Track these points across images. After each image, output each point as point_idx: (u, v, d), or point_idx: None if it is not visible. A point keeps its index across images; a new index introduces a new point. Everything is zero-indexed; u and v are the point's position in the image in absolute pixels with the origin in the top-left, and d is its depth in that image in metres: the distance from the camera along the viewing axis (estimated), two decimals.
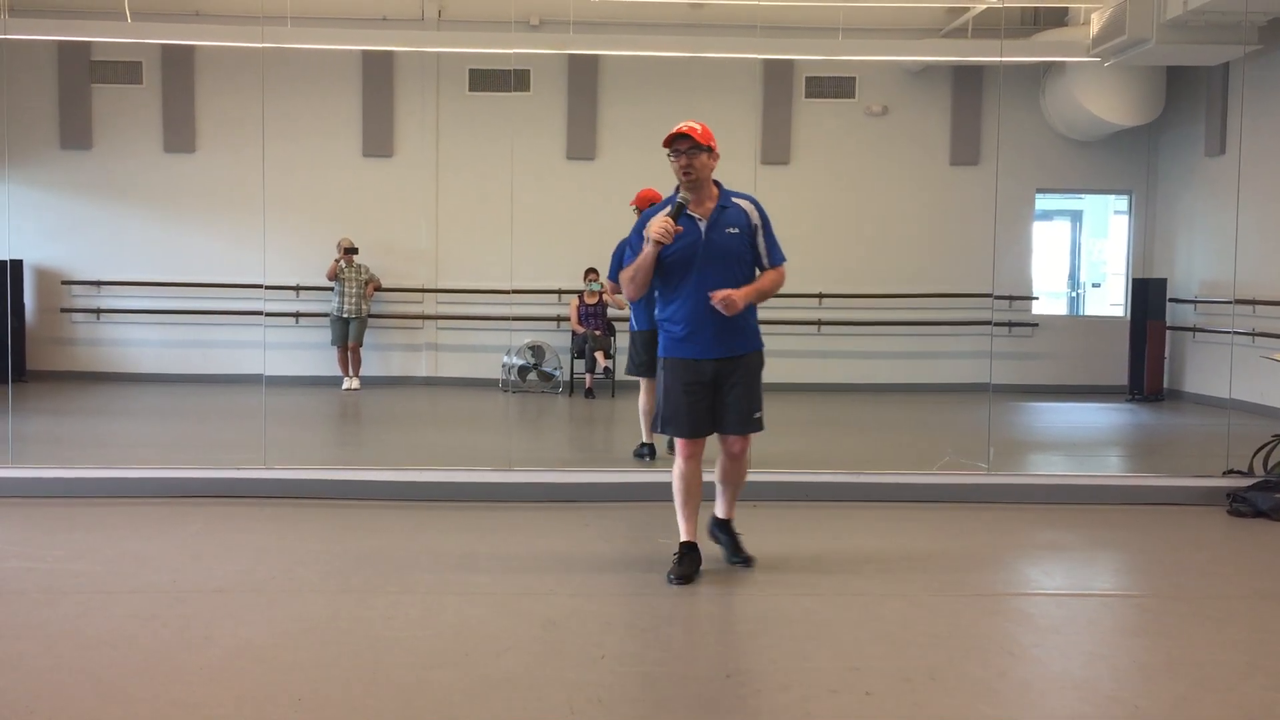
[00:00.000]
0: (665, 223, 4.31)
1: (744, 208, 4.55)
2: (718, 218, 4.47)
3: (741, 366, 4.55)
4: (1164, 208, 12.52)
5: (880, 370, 12.40)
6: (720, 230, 4.46)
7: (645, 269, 4.45)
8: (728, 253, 4.45)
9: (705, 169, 4.43)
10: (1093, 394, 12.08)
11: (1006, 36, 11.49)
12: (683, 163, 4.39)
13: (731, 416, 4.55)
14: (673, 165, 4.43)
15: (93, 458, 7.05)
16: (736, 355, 4.54)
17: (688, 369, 4.52)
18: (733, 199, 4.55)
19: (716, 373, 4.53)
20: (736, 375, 4.53)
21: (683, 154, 4.39)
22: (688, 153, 4.38)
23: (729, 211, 4.50)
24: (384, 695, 3.29)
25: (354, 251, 11.80)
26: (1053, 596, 4.52)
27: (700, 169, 4.40)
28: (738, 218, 4.50)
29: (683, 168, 4.39)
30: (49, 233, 12.18)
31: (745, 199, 4.59)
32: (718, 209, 4.48)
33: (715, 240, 4.44)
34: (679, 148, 4.39)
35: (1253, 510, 5.99)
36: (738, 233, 4.48)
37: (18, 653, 3.61)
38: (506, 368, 11.84)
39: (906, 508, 6.09)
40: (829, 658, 3.67)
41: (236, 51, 11.48)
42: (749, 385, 4.56)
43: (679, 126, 4.41)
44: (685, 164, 4.38)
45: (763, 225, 4.57)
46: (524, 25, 11.89)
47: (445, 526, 5.53)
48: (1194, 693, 3.41)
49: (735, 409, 4.54)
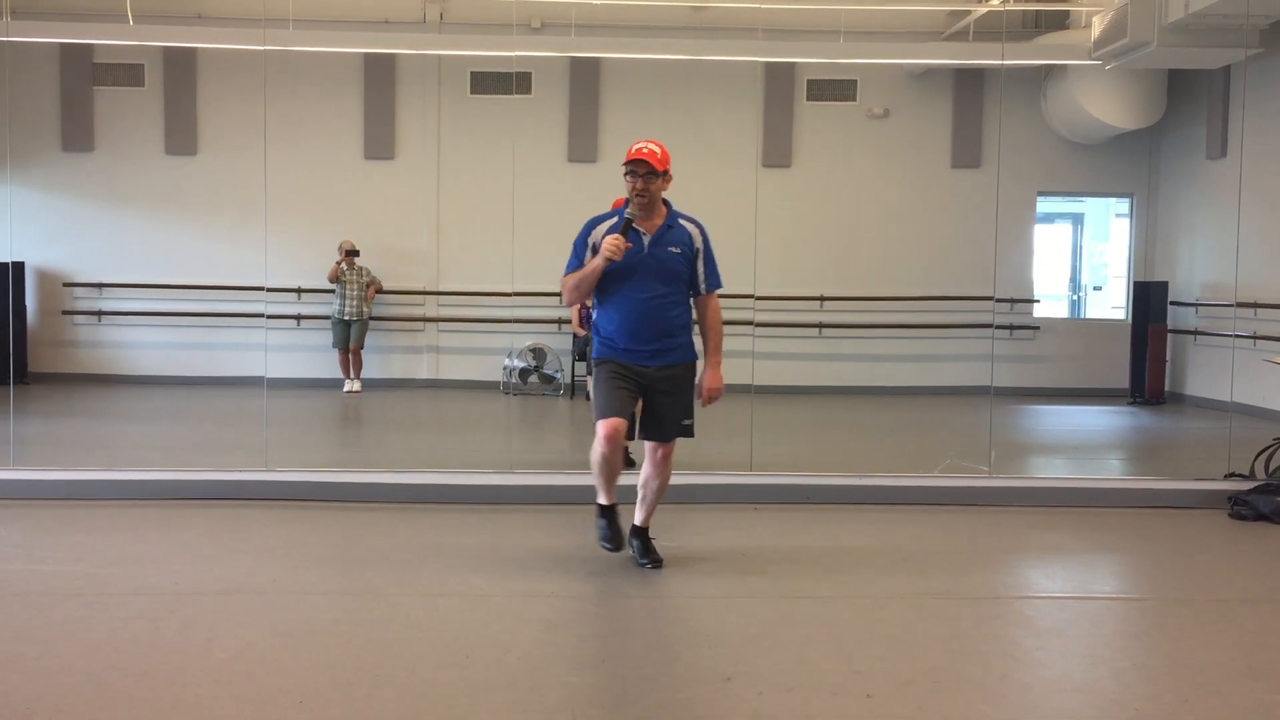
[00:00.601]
0: (617, 240, 4.48)
1: (689, 230, 4.72)
2: (662, 235, 4.64)
3: (674, 376, 4.68)
4: (1165, 211, 12.52)
5: (881, 373, 12.39)
6: (663, 247, 4.63)
7: (591, 280, 4.62)
8: (666, 269, 4.63)
9: (658, 191, 4.61)
10: (1094, 397, 12.07)
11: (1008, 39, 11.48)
12: (639, 186, 4.55)
13: (663, 425, 4.69)
14: (627, 183, 4.58)
15: (94, 460, 7.06)
16: (669, 365, 4.67)
17: (620, 365, 4.66)
18: (680, 220, 4.72)
19: (651, 379, 4.66)
20: (669, 384, 4.67)
21: (640, 177, 4.54)
22: (645, 177, 4.54)
23: (674, 231, 4.67)
24: (386, 697, 3.29)
25: (355, 254, 11.80)
26: (1054, 599, 4.52)
27: (654, 192, 4.58)
28: (681, 237, 4.68)
29: (638, 191, 4.55)
30: (50, 235, 12.18)
31: (691, 222, 4.76)
32: (663, 227, 4.65)
33: (657, 255, 4.61)
34: (637, 170, 4.54)
35: (1254, 513, 5.98)
36: (679, 252, 4.66)
37: (19, 654, 3.61)
38: (508, 370, 11.84)
39: (908, 510, 6.09)
40: (831, 660, 3.67)
41: (238, 54, 11.49)
42: (681, 394, 4.70)
43: (639, 149, 4.56)
44: (641, 187, 4.54)
45: (704, 249, 4.74)
46: (525, 28, 11.90)
47: (446, 529, 5.54)
48: (1195, 695, 3.41)
49: (667, 417, 4.68)
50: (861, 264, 12.44)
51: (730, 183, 11.58)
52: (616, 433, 4.57)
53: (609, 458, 4.64)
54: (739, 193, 11.07)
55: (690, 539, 5.33)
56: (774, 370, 11.73)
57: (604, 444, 4.60)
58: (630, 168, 4.54)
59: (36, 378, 11.84)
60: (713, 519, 5.80)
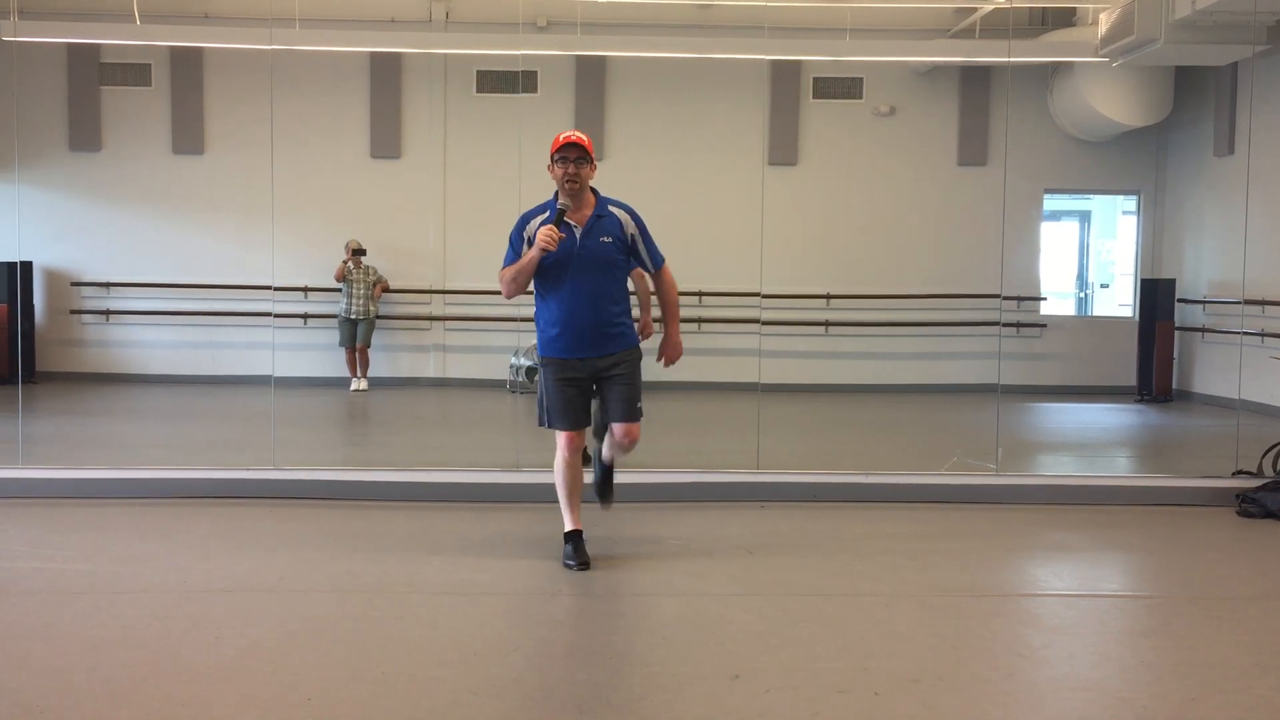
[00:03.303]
0: (551, 231, 4.53)
1: (620, 217, 4.77)
2: (592, 226, 4.69)
3: (620, 362, 4.75)
4: (1172, 208, 12.48)
5: (888, 371, 12.38)
6: (595, 239, 4.68)
7: (527, 272, 4.68)
8: (599, 260, 4.68)
9: (587, 178, 4.66)
10: (1101, 395, 12.04)
11: (1014, 37, 11.47)
12: (570, 171, 4.60)
13: (616, 407, 4.76)
14: (554, 171, 4.63)
15: (102, 458, 7.08)
16: (611, 354, 4.74)
17: (563, 366, 4.75)
18: (609, 207, 4.77)
19: (593, 370, 4.74)
20: (616, 369, 4.74)
21: (571, 162, 4.59)
22: (576, 161, 4.60)
23: (604, 220, 4.72)
24: (392, 695, 3.30)
25: (362, 253, 11.81)
26: (1061, 597, 4.52)
27: (584, 178, 4.63)
28: (612, 226, 4.72)
29: (569, 176, 4.59)
30: (58, 234, 12.22)
31: (621, 208, 4.81)
32: (593, 218, 4.70)
33: (589, 247, 4.67)
34: (569, 155, 4.59)
35: (1262, 511, 5.97)
36: (611, 241, 4.71)
37: (27, 652, 3.63)
38: (514, 369, 11.85)
39: (915, 508, 6.08)
40: (838, 658, 3.67)
41: (245, 54, 11.51)
42: (629, 378, 4.77)
43: (568, 135, 4.63)
44: (573, 173, 4.59)
45: (640, 233, 4.80)
46: (531, 27, 11.90)
47: (453, 527, 5.54)
48: (1203, 694, 3.40)
49: (618, 399, 4.75)
50: (868, 262, 12.42)
51: (736, 181, 11.60)
52: (573, 443, 4.74)
53: (572, 464, 4.76)
54: (745, 191, 11.10)
55: (697, 537, 5.33)
56: (780, 368, 11.71)
57: (565, 451, 4.74)
58: (562, 154, 4.59)
59: (44, 377, 11.88)
60: (719, 517, 5.80)
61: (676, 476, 6.33)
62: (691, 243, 11.72)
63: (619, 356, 4.75)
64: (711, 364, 11.58)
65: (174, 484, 6.12)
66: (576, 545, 4.80)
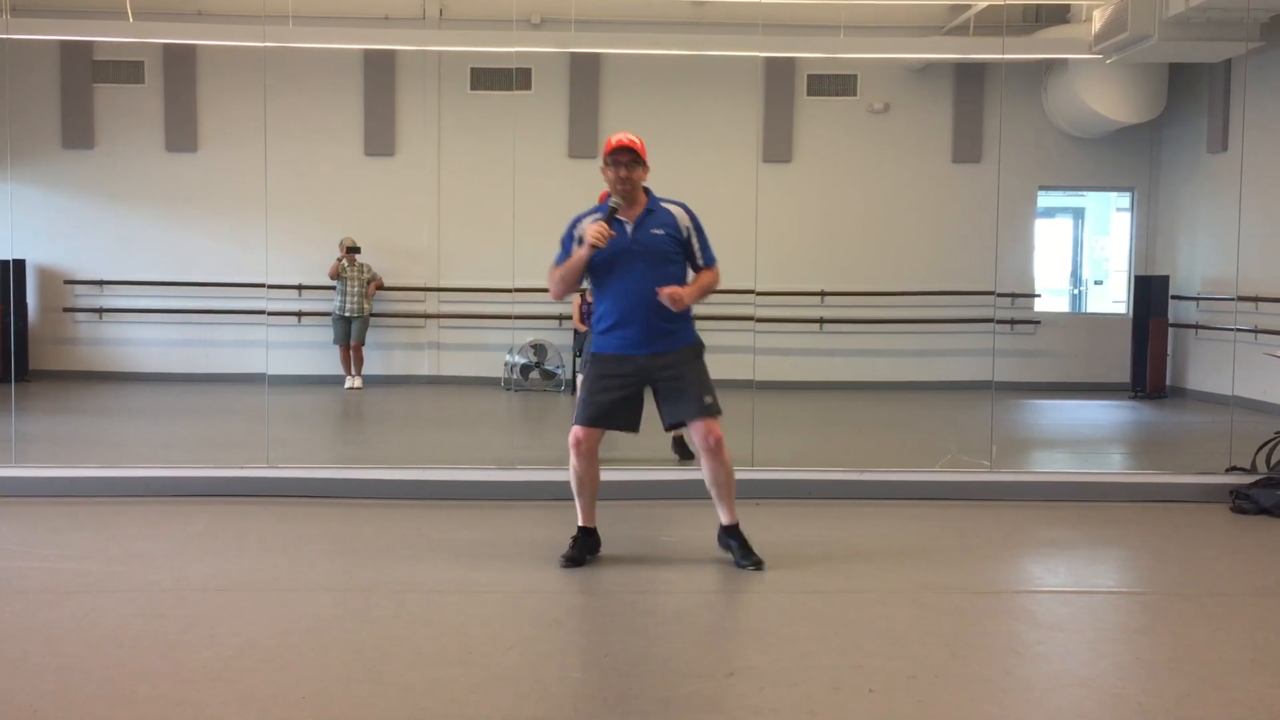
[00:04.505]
0: (600, 227, 4.52)
1: (674, 212, 4.75)
2: (643, 219, 4.67)
3: (677, 359, 4.68)
4: (1166, 205, 12.51)
5: (882, 368, 12.39)
6: (646, 231, 4.66)
7: (575, 270, 4.64)
8: (652, 252, 4.65)
9: (640, 180, 4.66)
10: (1095, 391, 12.07)
11: (1008, 34, 11.48)
12: (622, 174, 4.59)
13: (685, 405, 4.65)
14: (608, 174, 4.62)
15: (96, 457, 7.05)
16: (667, 351, 4.67)
17: (609, 362, 4.70)
18: (661, 204, 4.75)
19: (647, 368, 4.65)
20: (674, 368, 4.66)
21: (623, 165, 4.59)
22: (628, 164, 4.59)
23: (656, 215, 4.70)
24: (388, 694, 3.29)
25: (356, 250, 11.80)
26: (1056, 594, 4.52)
27: (636, 181, 4.63)
28: (665, 219, 4.70)
29: (621, 179, 4.59)
30: (51, 232, 12.19)
31: (676, 204, 4.79)
32: (645, 212, 4.68)
33: (641, 240, 4.64)
34: (620, 159, 4.58)
35: (1256, 507, 5.98)
36: (663, 234, 4.68)
37: (22, 652, 3.62)
38: (509, 366, 11.85)
39: (909, 505, 6.09)
40: (832, 655, 3.67)
41: (238, 51, 11.48)
42: (692, 372, 4.68)
43: (620, 138, 4.61)
44: (625, 175, 4.59)
45: (695, 229, 4.77)
46: (525, 24, 11.89)
47: (448, 525, 5.54)
48: (1198, 689, 3.41)
49: (686, 396, 4.64)
50: (862, 259, 12.43)
51: (731, 178, 11.58)
52: (582, 443, 4.63)
53: (579, 471, 4.70)
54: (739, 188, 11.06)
55: (691, 534, 5.33)
56: (775, 365, 11.73)
57: (573, 453, 4.67)
58: (613, 158, 4.58)
59: (38, 375, 11.85)
60: (713, 514, 5.78)
61: (672, 474, 6.33)
62: None
63: (676, 355, 4.67)
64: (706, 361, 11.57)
65: (168, 483, 6.10)
66: (580, 541, 4.77)
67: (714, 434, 4.63)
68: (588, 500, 4.79)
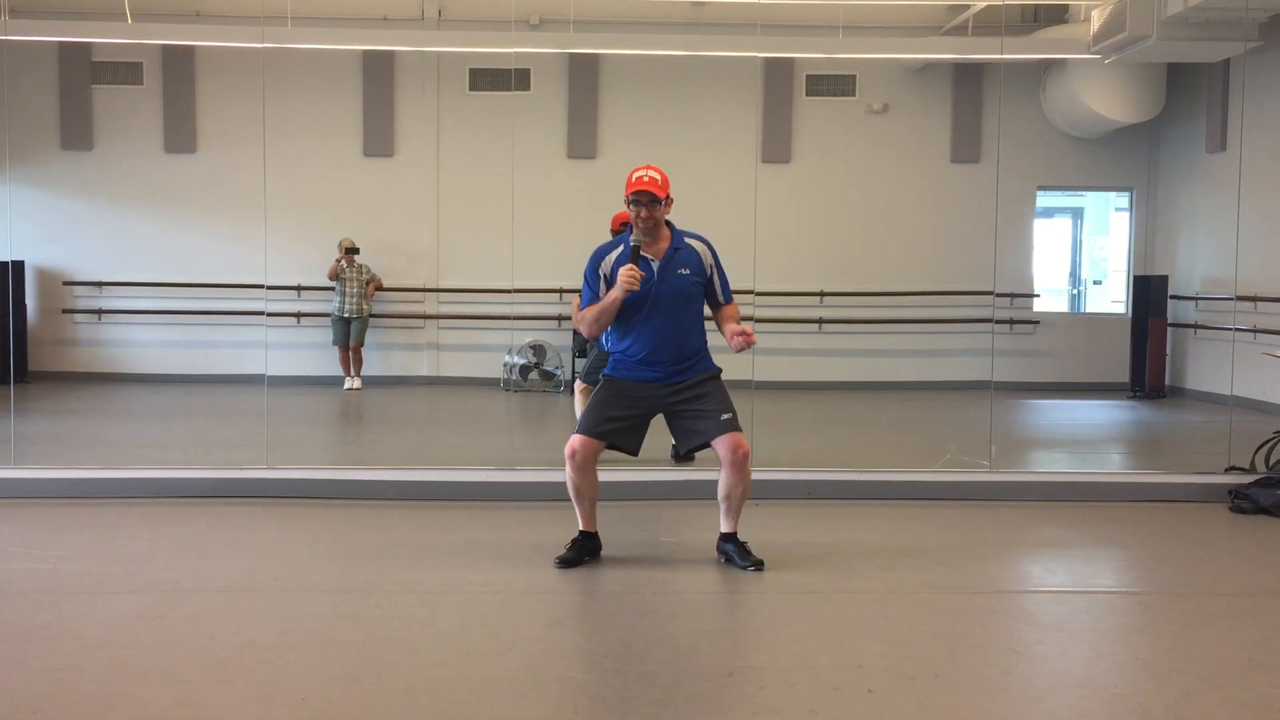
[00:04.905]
0: (633, 271, 4.50)
1: (697, 249, 4.73)
2: (670, 258, 4.65)
3: (696, 385, 4.68)
4: (1165, 204, 12.51)
5: (882, 368, 12.40)
6: (673, 271, 4.64)
7: (610, 313, 4.63)
8: (679, 293, 4.65)
9: (662, 216, 4.63)
10: (1094, 391, 12.08)
11: (1007, 34, 11.47)
12: (643, 214, 4.56)
13: (707, 425, 4.64)
14: (630, 211, 4.59)
15: (95, 458, 7.06)
16: (683, 380, 4.68)
17: (625, 385, 4.70)
18: (685, 239, 4.72)
19: (664, 397, 4.67)
20: (691, 389, 4.66)
21: (644, 206, 4.56)
22: (648, 205, 4.55)
23: (681, 253, 4.68)
24: (387, 694, 3.29)
25: (355, 251, 11.80)
26: (1055, 593, 4.53)
27: (658, 218, 4.60)
28: (690, 259, 4.69)
29: (643, 219, 4.57)
30: (50, 234, 12.18)
31: (698, 239, 4.77)
32: (670, 249, 4.66)
33: (668, 281, 4.64)
34: (640, 200, 4.55)
35: (1254, 507, 5.98)
36: (689, 274, 4.67)
37: (21, 653, 3.62)
38: (508, 367, 11.84)
39: (908, 505, 6.09)
40: (832, 655, 3.67)
41: (237, 52, 11.48)
42: (711, 391, 4.68)
43: (640, 178, 4.55)
44: (646, 215, 4.56)
45: (716, 266, 4.77)
46: (524, 24, 11.89)
47: (447, 526, 5.54)
48: (1197, 689, 3.41)
49: (706, 417, 4.64)
50: (861, 259, 12.44)
51: (729, 178, 11.59)
52: (577, 453, 4.61)
53: (576, 482, 4.68)
54: (738, 188, 11.07)
55: (691, 535, 5.33)
56: (774, 366, 11.72)
57: (568, 464, 4.65)
58: (634, 197, 4.55)
59: (37, 376, 11.84)
60: (713, 515, 5.78)
61: (670, 474, 6.33)
62: None
63: (695, 382, 4.67)
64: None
65: (167, 484, 6.10)
66: (578, 544, 4.77)
67: (742, 448, 4.62)
68: (588, 507, 4.78)
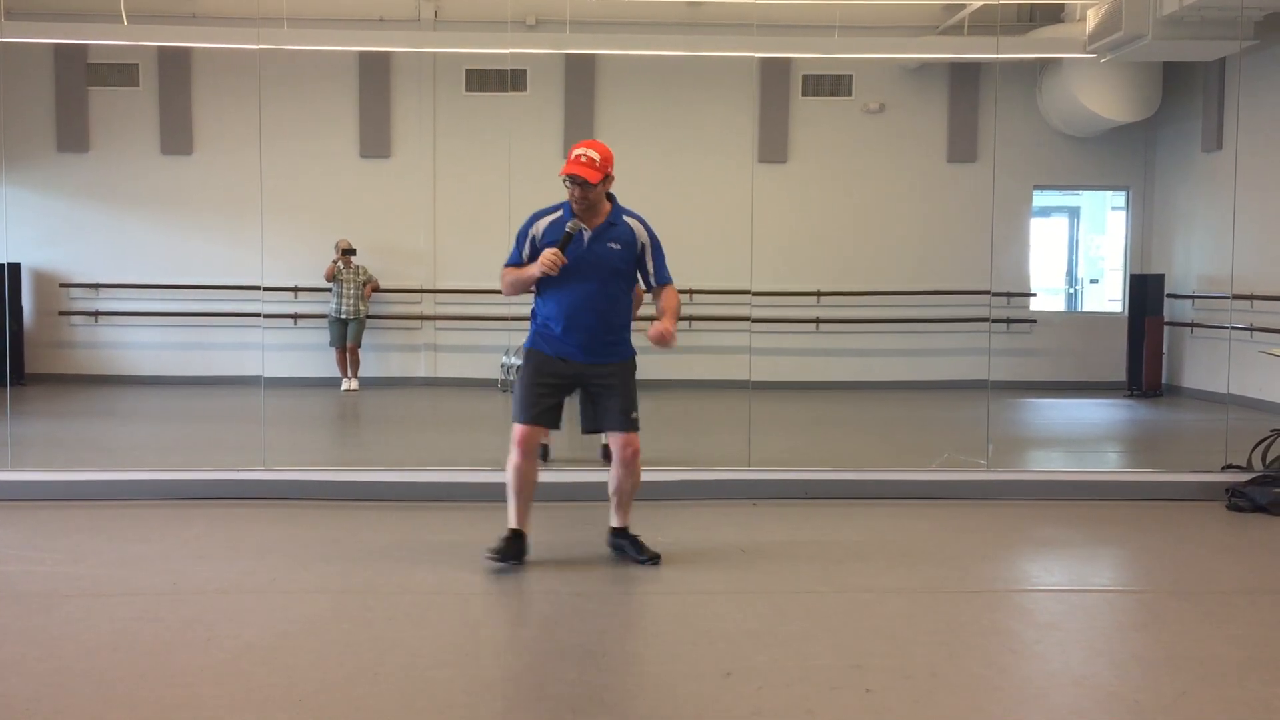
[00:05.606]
0: (554, 256, 4.56)
1: (633, 227, 4.78)
2: (602, 231, 4.69)
3: (611, 372, 4.74)
4: (1161, 203, 12.53)
5: (878, 368, 12.41)
6: (602, 244, 4.69)
7: (524, 284, 4.75)
8: (604, 265, 4.69)
9: (598, 197, 4.66)
10: (1091, 390, 12.09)
11: (1003, 33, 11.50)
12: (577, 194, 4.61)
13: (610, 417, 4.74)
14: (568, 189, 4.62)
15: (92, 460, 7.06)
16: (604, 363, 4.73)
17: (549, 363, 4.75)
18: (624, 217, 4.78)
19: (581, 376, 4.74)
20: (607, 379, 4.73)
21: (577, 185, 4.60)
22: (581, 186, 4.59)
23: (616, 228, 4.73)
24: (385, 695, 3.29)
25: (352, 252, 11.80)
26: (1052, 592, 4.53)
27: (594, 199, 4.64)
28: (623, 234, 4.74)
29: (576, 199, 4.62)
30: (46, 236, 12.17)
31: (636, 219, 4.81)
32: (605, 224, 4.71)
33: (596, 251, 4.68)
34: (575, 180, 4.58)
35: (1251, 505, 5.99)
36: (619, 249, 4.72)
37: (19, 655, 3.61)
38: (505, 368, 11.84)
39: (906, 504, 6.09)
40: (829, 655, 3.68)
41: (233, 53, 11.46)
42: (622, 386, 4.75)
43: (577, 158, 4.58)
44: (580, 195, 4.61)
45: (651, 245, 4.81)
46: (520, 25, 11.88)
47: (445, 526, 5.54)
48: (1194, 687, 3.41)
49: (613, 409, 4.72)
50: (858, 259, 12.44)
51: (726, 178, 11.59)
52: (526, 440, 4.69)
53: (523, 470, 4.72)
54: (735, 188, 11.08)
55: (688, 535, 5.33)
56: (771, 366, 11.74)
57: (517, 451, 4.70)
58: (569, 178, 4.59)
59: (34, 379, 11.83)
60: (710, 514, 5.80)
61: (667, 474, 6.32)
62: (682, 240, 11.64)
63: (612, 367, 4.73)
64: (702, 362, 11.59)
65: (165, 486, 6.09)
66: (506, 539, 4.74)
67: (632, 446, 4.73)
68: (525, 501, 4.78)
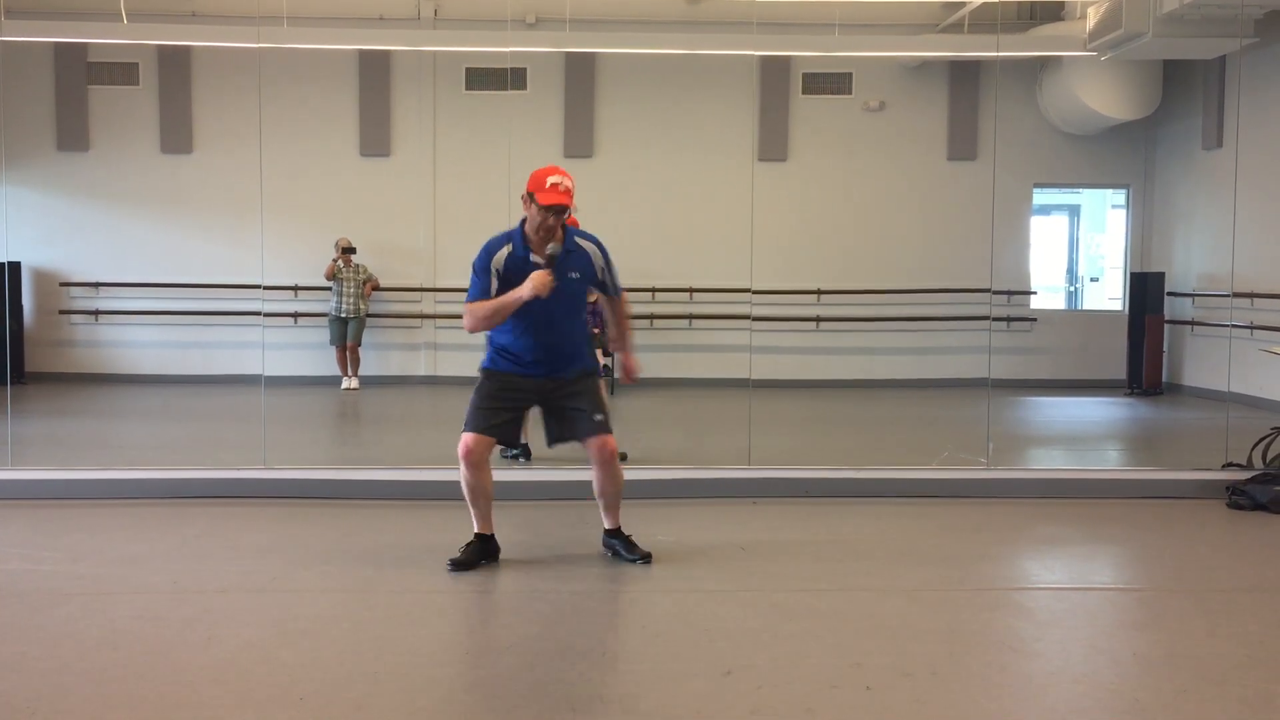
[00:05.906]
0: (547, 277, 4.50)
1: (587, 251, 4.76)
2: (562, 262, 4.65)
3: (574, 380, 4.75)
4: (1161, 202, 12.52)
5: (879, 366, 12.41)
6: (563, 275, 4.64)
7: (509, 311, 4.57)
8: (566, 295, 4.67)
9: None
10: (1091, 388, 12.09)
11: (1003, 31, 11.49)
12: (550, 223, 4.56)
13: (581, 424, 4.71)
14: (539, 217, 4.55)
15: (92, 459, 7.06)
16: (565, 376, 4.74)
17: (508, 379, 4.73)
18: (576, 239, 4.75)
19: (543, 389, 4.73)
20: (570, 387, 4.73)
21: (557, 215, 4.55)
22: (559, 214, 4.55)
23: (573, 255, 4.70)
24: (386, 694, 3.29)
25: (352, 251, 11.80)
26: (1052, 590, 4.53)
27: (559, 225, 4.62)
28: (580, 262, 4.72)
29: (549, 228, 4.57)
30: (47, 235, 12.17)
31: (588, 240, 4.80)
32: (564, 253, 4.66)
33: (560, 283, 4.62)
34: (560, 211, 4.54)
35: (1252, 503, 5.99)
36: (578, 278, 4.72)
37: (20, 654, 3.61)
38: None
39: (906, 503, 6.09)
40: (829, 653, 3.68)
41: (233, 52, 11.47)
42: (587, 393, 4.75)
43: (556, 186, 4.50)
44: (554, 223, 4.57)
45: (606, 265, 4.81)
46: (520, 23, 11.88)
47: (445, 525, 5.53)
48: (1194, 685, 3.41)
49: (581, 415, 4.71)
50: (858, 257, 12.45)
51: (726, 177, 11.60)
52: (472, 452, 4.65)
53: (471, 482, 4.70)
54: (735, 187, 11.09)
55: (688, 533, 5.33)
56: (771, 364, 11.74)
57: (463, 463, 4.68)
58: (554, 209, 4.52)
59: (34, 377, 11.83)
60: (711, 513, 5.80)
61: (667, 473, 6.33)
62: (681, 239, 11.74)
63: (575, 376, 4.74)
64: (702, 360, 11.59)
65: (165, 484, 6.10)
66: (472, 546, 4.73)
67: (608, 446, 4.70)
68: (485, 508, 4.77)
